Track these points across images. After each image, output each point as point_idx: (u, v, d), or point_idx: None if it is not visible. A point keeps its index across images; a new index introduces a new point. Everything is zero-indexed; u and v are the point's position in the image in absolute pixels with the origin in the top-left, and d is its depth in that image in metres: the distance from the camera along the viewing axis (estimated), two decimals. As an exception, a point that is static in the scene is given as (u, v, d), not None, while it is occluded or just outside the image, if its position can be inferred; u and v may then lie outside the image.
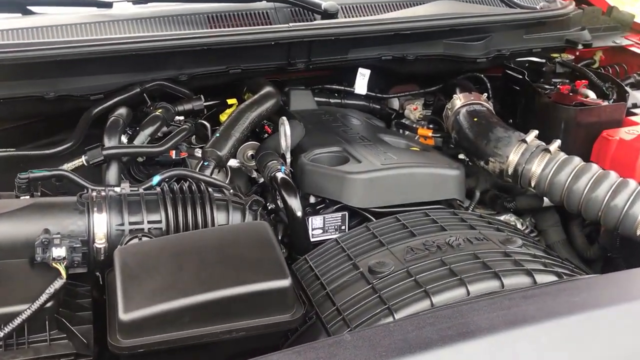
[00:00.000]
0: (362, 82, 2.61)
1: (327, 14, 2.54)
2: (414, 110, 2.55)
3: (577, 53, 2.69)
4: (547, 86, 2.30)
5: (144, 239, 1.52)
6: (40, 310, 1.37)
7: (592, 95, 2.22)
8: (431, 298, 1.39)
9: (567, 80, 2.35)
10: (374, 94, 2.63)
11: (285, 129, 1.97)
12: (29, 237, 1.50)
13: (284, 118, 2.00)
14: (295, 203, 1.76)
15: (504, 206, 2.16)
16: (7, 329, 1.35)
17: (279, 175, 1.82)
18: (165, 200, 1.62)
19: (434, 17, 2.42)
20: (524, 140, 1.94)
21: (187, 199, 1.64)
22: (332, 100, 2.60)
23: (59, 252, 1.45)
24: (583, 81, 2.26)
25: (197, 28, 2.46)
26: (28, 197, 1.67)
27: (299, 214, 1.76)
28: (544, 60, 2.45)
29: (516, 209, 2.18)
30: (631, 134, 2.07)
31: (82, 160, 1.84)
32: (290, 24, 2.36)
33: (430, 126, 2.46)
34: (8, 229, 1.53)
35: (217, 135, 1.95)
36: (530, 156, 1.92)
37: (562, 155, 1.90)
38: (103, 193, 1.62)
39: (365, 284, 1.50)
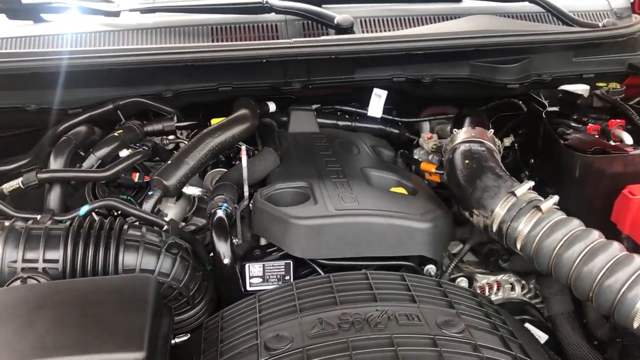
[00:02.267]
0: (377, 103, 2.35)
1: (341, 29, 2.31)
2: (428, 139, 2.25)
3: (641, 81, 2.25)
4: (573, 124, 1.91)
5: (31, 281, 1.40)
6: None
7: (627, 139, 1.82)
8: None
9: (607, 117, 1.95)
10: (390, 117, 2.37)
11: (243, 159, 1.77)
12: None
13: (243, 147, 1.80)
14: (223, 248, 1.57)
15: (497, 265, 1.82)
16: None
17: (218, 213, 1.63)
18: (67, 237, 1.48)
19: (453, 36, 2.10)
20: (512, 193, 1.61)
21: (92, 236, 1.49)
22: (340, 123, 2.35)
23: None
24: (618, 120, 1.86)
25: (200, 41, 2.32)
26: None
27: (226, 261, 1.57)
28: (580, 92, 2.04)
29: (510, 270, 1.83)
30: (662, 193, 1.65)
31: (18, 182, 1.75)
32: (292, 40, 2.16)
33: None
34: None
35: (169, 162, 1.79)
36: (518, 213, 1.58)
37: (557, 216, 1.55)
38: (7, 223, 1.51)
39: (255, 361, 1.28)
